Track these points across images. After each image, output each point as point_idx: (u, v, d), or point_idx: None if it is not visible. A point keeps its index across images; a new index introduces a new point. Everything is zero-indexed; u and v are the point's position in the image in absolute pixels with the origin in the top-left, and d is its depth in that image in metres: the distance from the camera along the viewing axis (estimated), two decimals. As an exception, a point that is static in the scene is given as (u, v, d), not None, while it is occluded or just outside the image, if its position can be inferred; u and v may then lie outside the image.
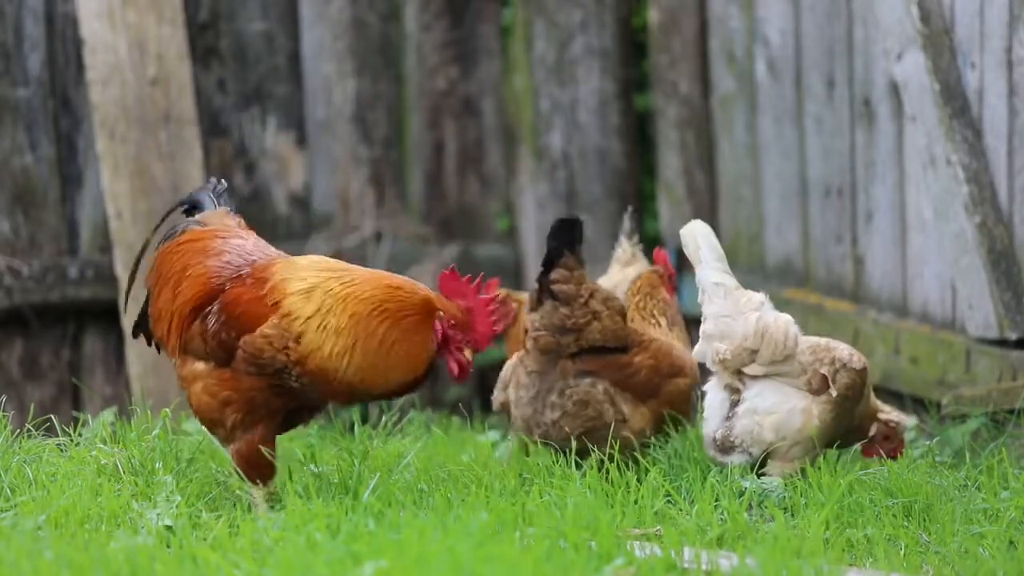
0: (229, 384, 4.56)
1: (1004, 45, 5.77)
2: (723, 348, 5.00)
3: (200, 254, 4.69)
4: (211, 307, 4.59)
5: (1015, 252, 5.81)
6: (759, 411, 4.99)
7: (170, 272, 4.70)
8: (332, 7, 7.31)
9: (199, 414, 4.62)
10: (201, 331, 4.60)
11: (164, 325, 4.69)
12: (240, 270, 4.62)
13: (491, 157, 7.58)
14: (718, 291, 5.03)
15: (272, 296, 4.52)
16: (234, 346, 4.53)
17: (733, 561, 4.09)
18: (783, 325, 5.03)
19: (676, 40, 7.30)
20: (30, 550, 3.99)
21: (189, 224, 4.78)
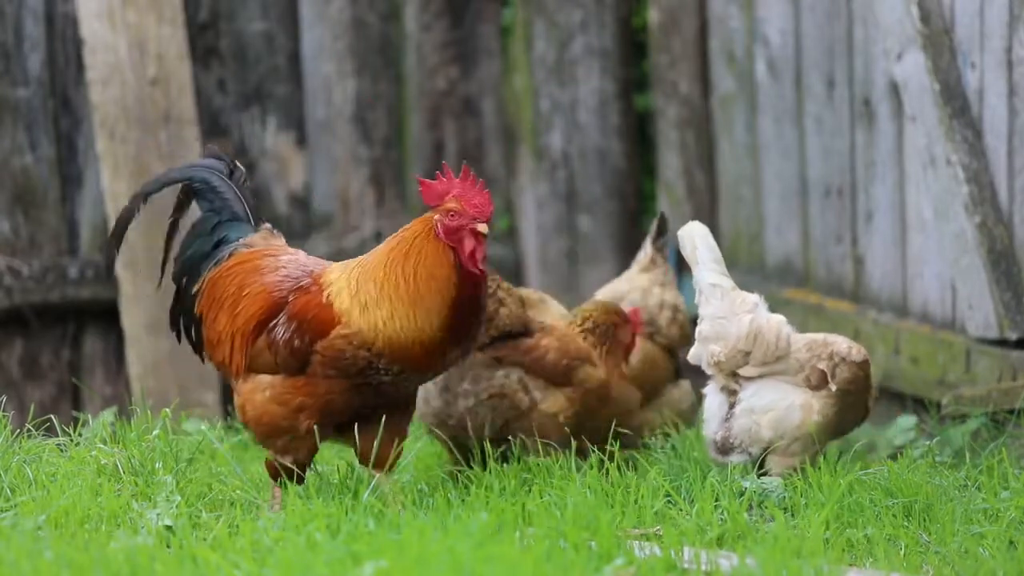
0: (304, 390, 4.57)
1: (1004, 45, 5.77)
2: (717, 350, 5.01)
3: (254, 273, 4.70)
4: (277, 320, 4.60)
5: (1015, 252, 5.81)
6: (756, 410, 5.00)
7: (223, 295, 4.71)
8: (332, 7, 7.31)
9: (261, 424, 4.60)
10: (269, 344, 4.59)
11: (226, 348, 4.68)
12: (300, 281, 4.64)
13: (491, 157, 7.58)
14: (715, 292, 5.04)
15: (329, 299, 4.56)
16: (308, 352, 4.54)
17: (733, 561, 4.09)
18: (775, 326, 5.03)
19: (676, 40, 7.30)
20: (30, 550, 3.99)
21: (236, 248, 4.77)
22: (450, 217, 4.56)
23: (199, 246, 4.81)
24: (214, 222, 4.82)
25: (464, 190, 4.58)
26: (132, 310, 6.91)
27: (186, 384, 6.94)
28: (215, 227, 4.81)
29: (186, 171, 4.88)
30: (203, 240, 4.81)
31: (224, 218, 4.82)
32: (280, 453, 4.62)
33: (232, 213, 4.82)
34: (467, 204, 4.56)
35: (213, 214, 4.83)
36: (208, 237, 4.81)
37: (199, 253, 4.80)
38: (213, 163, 4.88)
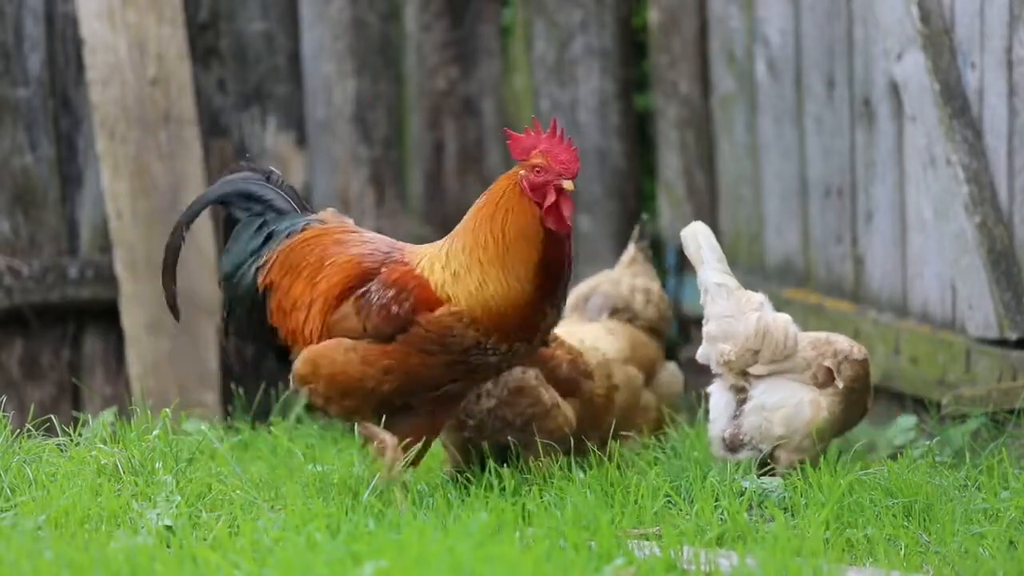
0: (394, 355, 4.54)
1: (1004, 45, 5.76)
2: (727, 349, 5.02)
3: (338, 245, 4.69)
4: (368, 286, 4.58)
5: (1015, 252, 5.81)
6: (767, 407, 5.02)
7: (301, 264, 4.69)
8: (332, 7, 7.31)
9: (335, 382, 4.58)
10: (358, 309, 4.57)
11: (300, 315, 4.66)
12: (391, 255, 4.63)
13: (491, 157, 7.58)
14: (720, 292, 5.05)
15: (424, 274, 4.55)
16: (407, 320, 4.52)
17: (733, 561, 4.09)
18: (782, 325, 5.05)
19: (676, 40, 7.29)
20: (30, 550, 3.99)
21: (310, 221, 4.76)
22: (535, 173, 4.54)
23: (245, 245, 4.79)
24: (259, 223, 4.81)
25: (551, 145, 4.56)
26: (132, 310, 6.91)
27: (186, 384, 6.94)
28: (260, 226, 4.80)
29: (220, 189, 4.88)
30: (249, 240, 4.80)
31: (268, 217, 4.80)
32: (345, 412, 4.61)
33: (276, 210, 4.81)
34: (553, 160, 4.54)
35: (255, 217, 4.82)
36: (256, 235, 4.79)
37: (249, 250, 4.78)
38: (245, 174, 4.88)
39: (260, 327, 4.79)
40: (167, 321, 6.93)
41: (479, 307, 4.50)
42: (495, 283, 4.49)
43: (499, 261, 4.50)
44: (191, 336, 6.96)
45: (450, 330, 4.51)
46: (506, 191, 4.56)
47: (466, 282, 4.51)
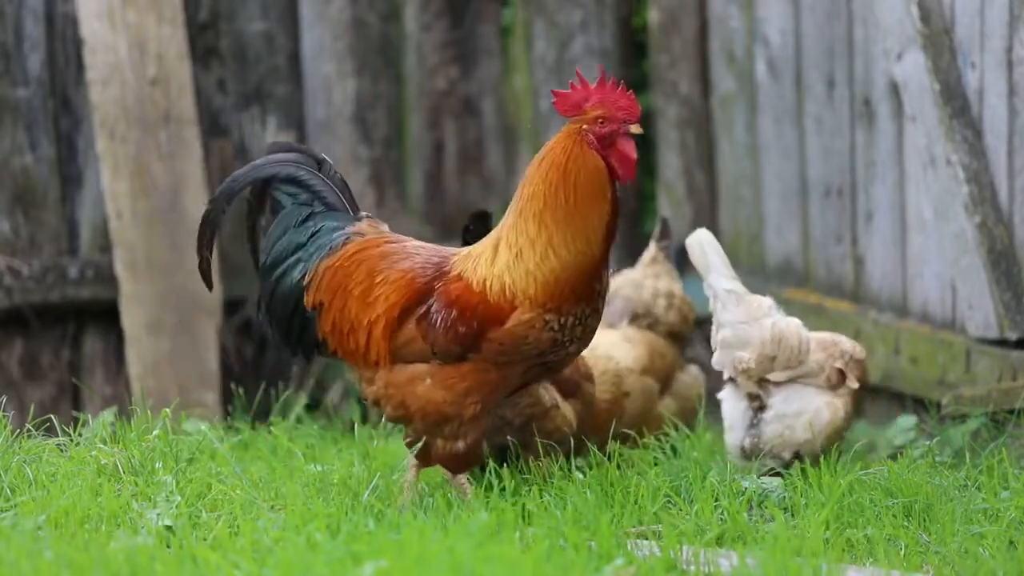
0: (471, 376, 4.47)
1: (1004, 45, 5.76)
2: (746, 357, 5.03)
3: (384, 259, 4.59)
4: (428, 306, 4.51)
5: (1015, 252, 5.81)
6: (789, 415, 5.03)
7: (350, 283, 4.58)
8: (332, 7, 7.31)
9: (427, 415, 4.51)
10: (423, 333, 4.49)
11: (360, 337, 4.55)
12: (441, 267, 4.54)
13: (491, 157, 7.58)
14: (731, 298, 5.05)
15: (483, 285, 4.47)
16: (477, 339, 4.45)
17: (733, 561, 4.09)
18: (795, 330, 5.07)
19: (676, 40, 7.30)
20: (30, 550, 3.99)
21: (349, 236, 4.64)
22: (599, 124, 4.45)
23: (292, 238, 4.68)
24: (305, 214, 4.69)
25: (606, 94, 4.48)
26: (132, 310, 6.91)
27: (186, 384, 6.94)
28: (307, 219, 4.69)
29: (269, 168, 4.72)
30: (295, 232, 4.68)
31: (316, 209, 4.69)
32: (450, 439, 4.52)
33: (325, 204, 4.69)
34: (614, 108, 4.46)
35: (302, 206, 4.69)
36: (300, 228, 4.68)
37: (293, 244, 4.68)
38: (294, 156, 4.74)
39: (302, 332, 4.68)
40: (167, 321, 6.93)
41: (541, 283, 4.41)
42: (564, 250, 4.40)
43: (568, 224, 4.40)
44: (191, 336, 6.96)
45: (524, 338, 4.44)
46: (570, 151, 4.45)
47: (527, 261, 4.42)
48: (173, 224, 6.95)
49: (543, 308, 4.43)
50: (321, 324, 4.63)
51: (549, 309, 4.43)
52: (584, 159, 4.44)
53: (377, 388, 4.57)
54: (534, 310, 4.43)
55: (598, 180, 4.43)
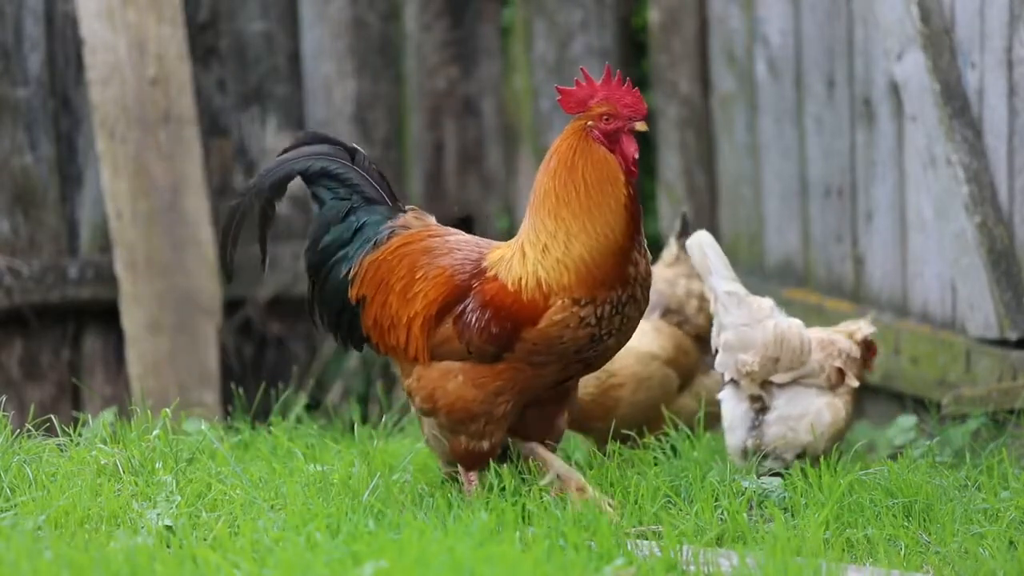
0: (504, 375, 4.47)
1: (1004, 45, 5.76)
2: (749, 360, 5.03)
3: (425, 255, 4.60)
4: (464, 305, 4.51)
5: (1015, 252, 5.81)
6: (792, 416, 5.04)
7: (392, 278, 4.59)
8: (332, 7, 7.31)
9: (455, 411, 4.51)
10: (458, 332, 4.50)
11: (401, 333, 4.56)
12: (479, 263, 4.54)
13: (491, 157, 7.58)
14: (732, 300, 5.05)
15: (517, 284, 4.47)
16: (511, 339, 4.45)
17: (733, 561, 4.09)
18: (796, 330, 5.07)
19: (676, 40, 7.29)
20: (30, 550, 3.99)
21: (394, 230, 4.65)
22: (604, 121, 4.46)
23: (335, 234, 4.67)
24: (345, 209, 4.68)
25: (611, 91, 4.47)
26: (132, 310, 6.91)
27: (186, 384, 6.94)
28: (348, 213, 4.67)
29: (303, 162, 4.71)
30: (338, 228, 4.67)
31: (356, 204, 4.68)
32: (475, 437, 4.52)
33: (364, 197, 4.68)
34: (620, 105, 4.46)
35: (342, 201, 4.68)
36: (343, 224, 4.67)
37: (337, 241, 4.67)
38: (327, 148, 4.72)
39: (350, 328, 4.67)
40: (167, 321, 6.93)
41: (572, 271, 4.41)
42: (584, 236, 4.41)
43: (585, 214, 4.42)
44: (191, 336, 6.96)
45: (559, 338, 4.43)
46: (575, 147, 4.46)
47: (554, 252, 4.43)
48: (173, 224, 6.95)
49: (577, 303, 4.42)
50: (364, 319, 4.64)
51: (584, 303, 4.43)
52: (589, 152, 4.46)
53: (411, 381, 4.58)
54: (567, 309, 4.42)
55: (607, 168, 4.45)
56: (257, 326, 7.25)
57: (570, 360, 4.48)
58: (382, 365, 7.27)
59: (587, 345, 4.46)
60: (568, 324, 4.43)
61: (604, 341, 4.47)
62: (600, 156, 4.45)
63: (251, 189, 4.72)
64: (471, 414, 4.51)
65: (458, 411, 4.51)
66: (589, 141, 4.47)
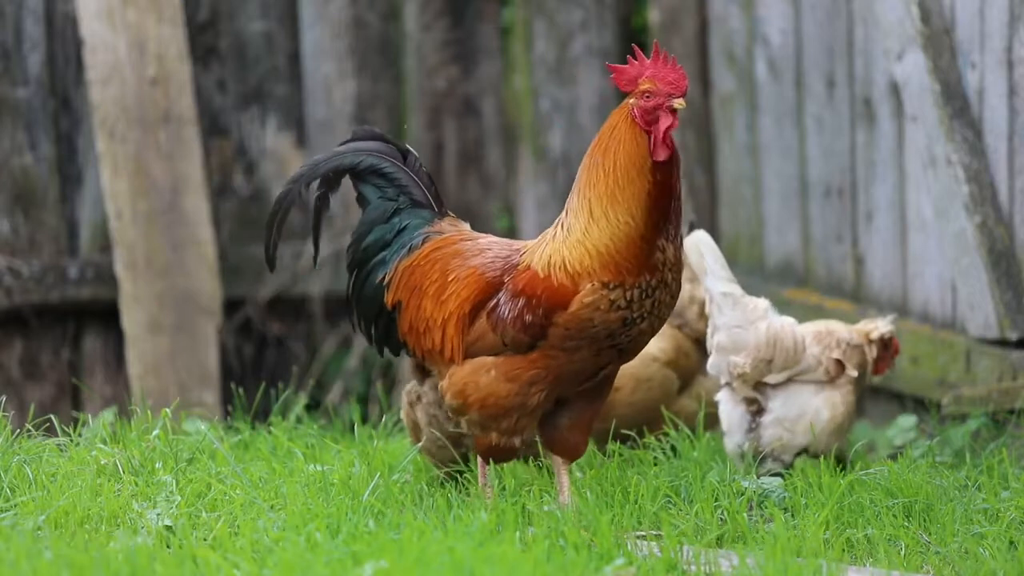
0: (539, 363, 4.45)
1: (1004, 45, 5.76)
2: (741, 362, 5.02)
3: (457, 257, 4.59)
4: (497, 299, 4.50)
5: (1015, 252, 5.81)
6: (788, 419, 5.03)
7: (425, 282, 4.58)
8: (332, 7, 7.31)
9: (487, 407, 4.49)
10: (493, 325, 4.48)
11: (436, 335, 4.55)
12: (510, 259, 4.53)
13: (491, 157, 7.58)
14: (727, 301, 5.04)
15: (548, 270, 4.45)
16: (544, 326, 4.43)
17: (733, 561, 4.08)
18: (789, 330, 5.06)
19: (676, 40, 7.29)
20: (30, 550, 3.99)
21: (428, 235, 4.63)
22: (645, 98, 4.43)
23: (378, 235, 4.66)
24: (392, 209, 4.66)
25: (657, 69, 4.44)
26: (132, 310, 6.91)
27: (186, 384, 6.94)
28: (393, 215, 4.66)
29: (353, 157, 4.68)
30: (382, 229, 4.66)
31: (402, 205, 4.66)
32: (506, 434, 4.50)
33: (411, 200, 4.66)
34: (661, 82, 4.42)
35: (388, 201, 4.66)
36: (386, 225, 4.66)
37: (379, 242, 4.66)
38: (378, 146, 4.70)
39: (387, 334, 4.66)
40: (167, 321, 6.93)
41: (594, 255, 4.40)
42: (604, 221, 4.40)
43: (608, 198, 4.40)
44: (191, 336, 6.96)
45: (590, 321, 4.41)
46: (617, 125, 4.44)
47: (575, 233, 4.42)
48: (173, 224, 6.95)
49: (606, 287, 4.41)
50: (400, 323, 4.63)
51: (612, 286, 4.41)
52: (623, 134, 4.44)
53: (443, 382, 4.57)
54: (596, 292, 4.41)
55: (635, 153, 4.42)
56: (257, 326, 7.25)
57: (602, 345, 4.45)
58: (382, 365, 7.27)
59: (619, 329, 4.43)
60: (598, 307, 4.41)
61: (637, 324, 4.44)
62: (631, 139, 4.42)
63: (300, 179, 4.69)
64: (504, 409, 4.49)
65: (490, 406, 4.49)
66: (628, 121, 4.44)
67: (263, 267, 7.06)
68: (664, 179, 4.41)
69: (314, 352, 7.33)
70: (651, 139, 4.41)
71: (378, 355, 4.78)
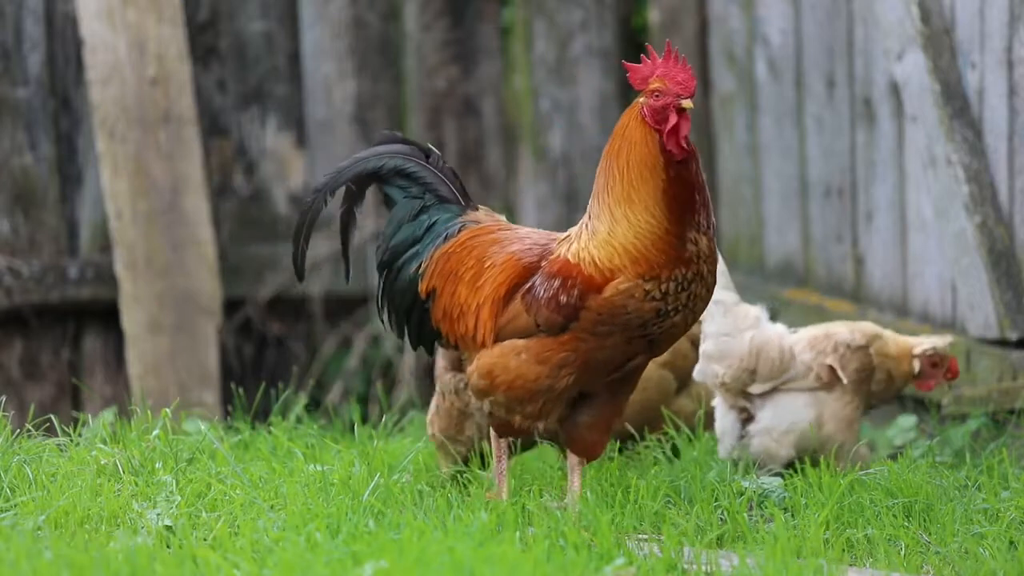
0: (569, 345, 4.44)
1: (1004, 45, 5.76)
2: (721, 371, 5.02)
3: (494, 245, 4.59)
4: (532, 281, 4.49)
5: (1015, 252, 5.81)
6: (776, 430, 5.02)
7: (461, 268, 4.58)
8: (332, 7, 7.31)
9: (514, 388, 4.47)
10: (527, 306, 4.47)
11: (469, 320, 4.54)
12: (548, 246, 4.54)
13: (491, 157, 7.58)
14: (718, 309, 5.03)
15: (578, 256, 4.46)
16: (577, 307, 4.42)
17: (733, 561, 4.09)
18: (776, 340, 5.03)
19: (676, 40, 7.29)
20: (30, 550, 3.99)
21: (465, 224, 4.63)
22: (655, 97, 4.43)
23: (407, 232, 4.66)
24: (418, 207, 4.67)
25: (667, 68, 4.45)
26: (132, 310, 6.91)
27: (186, 384, 6.94)
28: (420, 212, 4.67)
29: (376, 161, 4.71)
30: (410, 227, 4.67)
31: (429, 202, 4.67)
32: (530, 418, 4.49)
33: (437, 196, 4.67)
34: (671, 82, 4.43)
35: (414, 200, 4.67)
36: (415, 223, 4.67)
37: (409, 239, 4.66)
38: (400, 148, 4.71)
39: (420, 326, 4.66)
40: (167, 321, 6.93)
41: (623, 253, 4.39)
42: (626, 222, 4.39)
43: (625, 200, 4.41)
44: (191, 336, 6.96)
45: (624, 308, 4.39)
46: (628, 124, 4.45)
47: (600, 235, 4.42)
48: (173, 224, 6.96)
49: (641, 276, 4.40)
50: (434, 311, 4.63)
51: (648, 277, 4.40)
52: (632, 133, 4.44)
53: (471, 366, 4.56)
54: (631, 280, 4.40)
55: (647, 153, 4.42)
56: (257, 326, 7.25)
57: (634, 335, 4.43)
58: (382, 365, 7.27)
59: (652, 319, 4.41)
60: (633, 294, 4.40)
61: (670, 317, 4.42)
62: (640, 139, 4.43)
63: (324, 188, 4.72)
64: (531, 392, 4.47)
65: (518, 388, 4.48)
66: (637, 121, 4.45)
67: (263, 267, 7.08)
68: (680, 174, 4.41)
69: (314, 352, 7.33)
70: (661, 138, 4.41)
71: (411, 349, 4.77)
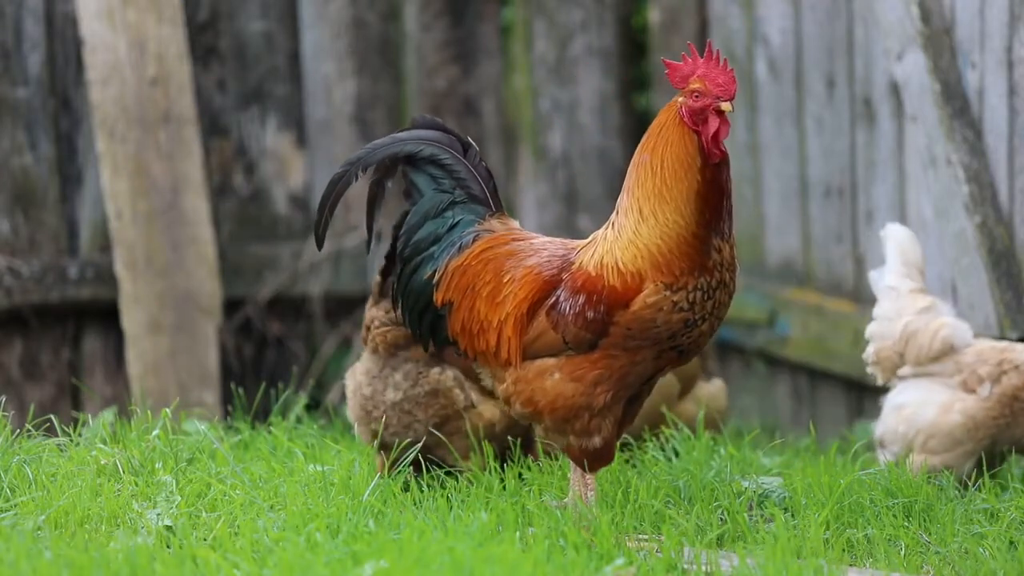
0: (601, 363, 4.39)
1: (1004, 45, 5.76)
2: (872, 350, 5.20)
3: (511, 258, 4.54)
4: (556, 296, 4.43)
5: (1015, 252, 5.81)
6: (897, 407, 5.09)
7: (478, 283, 4.52)
8: (332, 7, 7.31)
9: (556, 409, 4.42)
10: (553, 323, 4.41)
11: (491, 337, 4.49)
12: (567, 258, 4.48)
13: (491, 157, 7.58)
14: (889, 294, 5.19)
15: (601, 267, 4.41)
16: (605, 323, 4.38)
17: (733, 561, 4.09)
18: (933, 330, 5.09)
19: (676, 40, 7.30)
20: (30, 550, 3.99)
21: (478, 233, 4.58)
22: (694, 98, 4.38)
23: (431, 228, 4.60)
24: (447, 202, 4.61)
25: (708, 69, 4.39)
26: (132, 310, 6.91)
27: (186, 384, 6.95)
28: (448, 207, 4.61)
29: (412, 146, 4.62)
30: (435, 222, 4.60)
31: (458, 199, 4.61)
32: (582, 435, 4.43)
33: (468, 194, 4.61)
34: (711, 83, 4.37)
35: (443, 193, 4.61)
36: (440, 219, 4.60)
37: (431, 236, 4.60)
38: (439, 135, 4.63)
39: (433, 331, 4.60)
40: (167, 321, 6.93)
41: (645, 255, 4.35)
42: (653, 220, 4.36)
43: (656, 197, 4.35)
44: (191, 336, 6.96)
45: (652, 321, 4.35)
46: (665, 123, 4.39)
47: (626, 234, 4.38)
48: (173, 224, 6.96)
49: (668, 288, 4.36)
50: (451, 324, 4.56)
51: (675, 288, 4.36)
52: (670, 133, 4.39)
53: (507, 386, 4.49)
54: (659, 292, 4.35)
55: (684, 153, 4.37)
56: (257, 326, 7.25)
57: (664, 347, 4.39)
58: (382, 365, 7.26)
59: (681, 330, 4.37)
60: (661, 307, 4.36)
61: (698, 326, 4.39)
62: (678, 139, 4.38)
63: (357, 162, 4.63)
64: (572, 409, 4.41)
65: (559, 408, 4.42)
66: (675, 120, 4.39)
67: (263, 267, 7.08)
68: (714, 177, 4.37)
69: (314, 352, 7.33)
70: (701, 139, 4.37)
71: (423, 349, 4.74)
